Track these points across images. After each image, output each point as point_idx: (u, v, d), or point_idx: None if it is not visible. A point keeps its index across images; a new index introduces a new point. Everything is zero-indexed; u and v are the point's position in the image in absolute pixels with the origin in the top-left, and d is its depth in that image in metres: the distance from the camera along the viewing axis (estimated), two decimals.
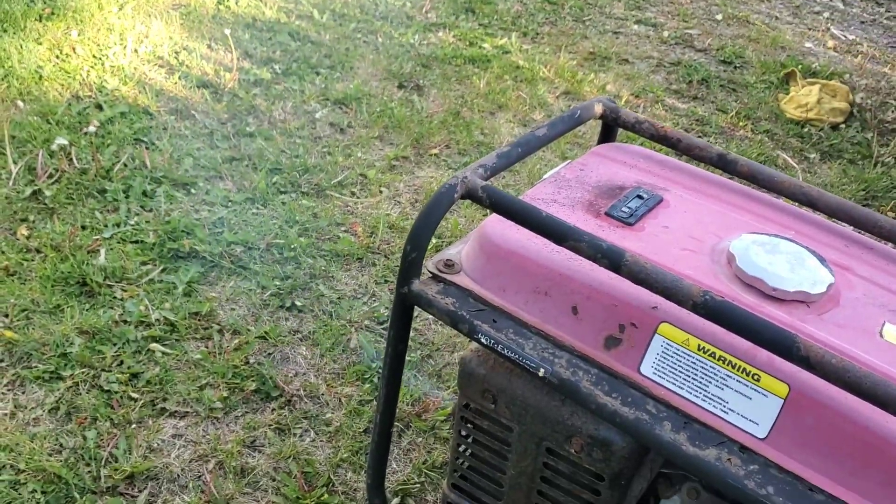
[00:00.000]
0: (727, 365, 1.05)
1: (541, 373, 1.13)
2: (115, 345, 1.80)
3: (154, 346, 1.81)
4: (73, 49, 2.98)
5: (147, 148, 2.49)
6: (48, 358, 1.74)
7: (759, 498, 0.99)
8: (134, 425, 1.64)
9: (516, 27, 3.72)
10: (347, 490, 1.56)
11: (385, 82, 3.10)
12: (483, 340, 1.17)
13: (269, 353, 1.85)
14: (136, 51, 3.04)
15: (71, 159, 2.37)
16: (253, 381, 1.76)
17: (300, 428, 1.69)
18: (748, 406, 1.04)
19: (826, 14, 4.35)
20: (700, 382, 1.07)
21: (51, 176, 2.30)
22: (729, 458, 1.03)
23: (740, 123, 3.15)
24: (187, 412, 1.69)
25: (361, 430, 1.70)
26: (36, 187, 2.24)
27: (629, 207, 1.29)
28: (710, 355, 1.06)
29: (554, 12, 3.93)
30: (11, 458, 1.53)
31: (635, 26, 3.90)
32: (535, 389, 1.20)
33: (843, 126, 3.18)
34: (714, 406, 1.06)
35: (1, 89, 2.66)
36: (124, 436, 1.60)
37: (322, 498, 1.54)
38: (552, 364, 1.12)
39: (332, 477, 1.58)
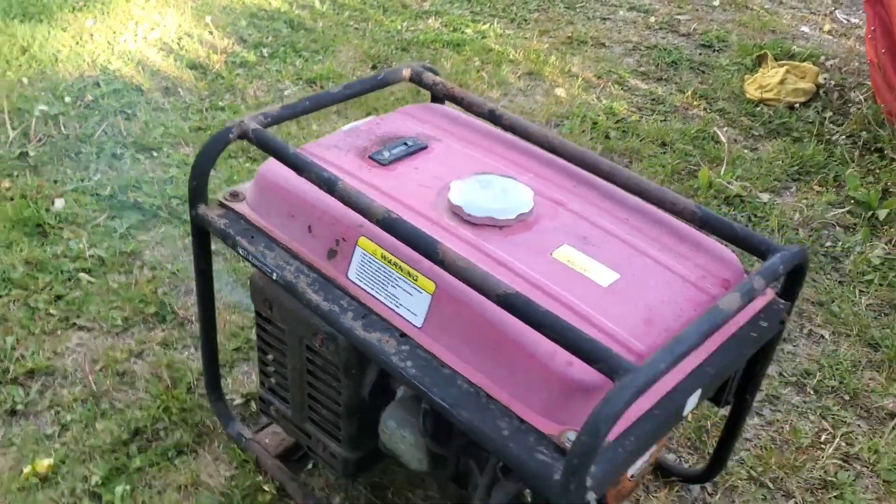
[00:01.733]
0: (398, 268, 1.30)
1: (273, 276, 1.40)
2: (50, 273, 2.17)
3: (82, 275, 2.18)
4: (91, 36, 3.42)
5: (127, 119, 2.88)
6: None
7: (399, 370, 1.23)
8: (47, 335, 2.00)
9: (505, 14, 3.94)
10: (204, 394, 1.86)
11: (360, 64, 3.40)
12: (240, 252, 1.45)
13: (176, 287, 2.18)
14: (145, 38, 3.45)
15: (60, 127, 2.79)
16: (154, 306, 2.10)
17: (182, 344, 2.01)
18: (411, 301, 1.29)
19: None
20: (382, 283, 1.32)
21: (40, 140, 2.72)
22: (387, 341, 1.27)
23: (695, 102, 3.28)
24: (93, 328, 2.04)
25: (233, 348, 2.00)
26: (25, 149, 2.66)
27: (390, 152, 1.54)
28: (388, 261, 1.31)
29: (548, 0, 4.12)
30: None
31: (626, 13, 4.05)
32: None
33: (798, 106, 3.25)
34: (390, 301, 1.31)
35: (19, 69, 3.11)
36: (36, 342, 1.97)
37: (180, 396, 1.85)
38: (282, 270, 1.39)
39: (194, 382, 1.90)
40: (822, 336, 2.24)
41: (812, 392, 2.07)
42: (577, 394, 1.14)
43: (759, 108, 3.24)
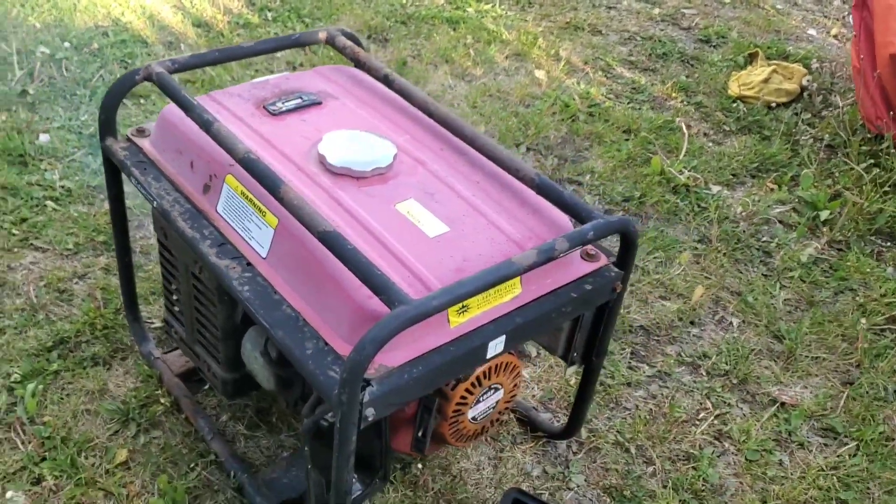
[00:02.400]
0: (252, 204, 1.46)
1: (154, 204, 1.58)
2: (21, 199, 2.40)
3: (49, 203, 2.40)
4: None
5: (124, 67, 3.10)
6: None
7: (237, 293, 1.40)
8: (5, 251, 2.22)
9: None
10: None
11: (358, 34, 3.54)
12: (132, 181, 1.63)
13: (131, 220, 2.38)
14: None
15: (62, 70, 3.02)
16: (105, 236, 2.30)
17: None
18: (260, 234, 1.45)
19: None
20: (240, 217, 1.48)
21: (42, 81, 2.95)
22: (234, 268, 1.44)
23: (673, 94, 3.34)
24: (48, 249, 2.25)
25: None
26: (27, 87, 2.90)
27: (283, 104, 1.70)
28: (245, 197, 1.47)
29: None
30: None
31: (632, 2, 4.11)
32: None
33: (777, 106, 3.29)
34: (245, 234, 1.47)
35: (40, 15, 3.36)
36: None
37: (107, 316, 2.06)
38: (161, 199, 1.57)
39: (122, 306, 2.10)
40: (731, 323, 2.33)
41: (704, 373, 2.17)
42: (369, 322, 1.28)
43: (735, 105, 3.29)
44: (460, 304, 1.34)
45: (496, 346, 1.40)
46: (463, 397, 1.55)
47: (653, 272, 2.45)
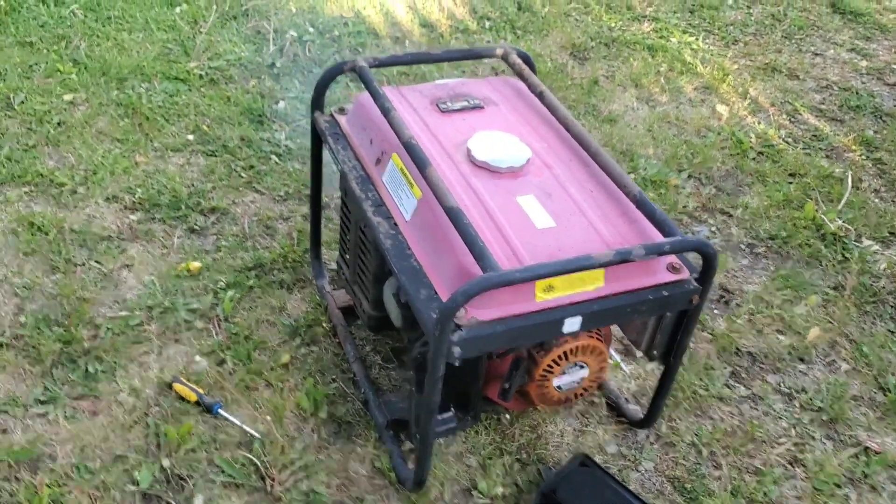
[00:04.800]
0: (406, 178, 1.87)
1: (339, 168, 2.03)
2: (254, 150, 2.98)
3: (273, 157, 2.96)
4: None
5: (356, 54, 3.64)
6: None
7: (381, 244, 1.81)
8: (234, 189, 2.80)
9: (720, 31, 4.21)
10: None
11: (560, 49, 3.90)
12: (326, 147, 2.10)
13: (330, 179, 2.89)
14: None
15: (305, 50, 3.62)
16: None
17: None
18: (408, 202, 1.86)
19: None
20: (397, 187, 1.90)
21: (288, 57, 3.56)
22: (382, 224, 1.85)
23: (853, 147, 3.40)
24: (265, 192, 2.81)
25: None
26: (275, 61, 3.52)
27: (451, 104, 2.10)
28: (403, 173, 1.88)
29: (770, 27, 4.31)
30: None
31: (842, 52, 4.13)
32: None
33: None
34: (397, 200, 1.89)
35: (299, 1, 4.00)
36: (224, 191, 2.78)
37: (297, 252, 2.56)
38: (345, 164, 2.02)
39: (308, 246, 2.59)
40: (839, 367, 2.45)
41: (797, 405, 2.33)
42: (467, 280, 1.65)
43: None
44: (547, 284, 1.67)
45: (572, 325, 1.71)
46: (549, 366, 1.88)
47: (776, 306, 2.61)
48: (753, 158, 3.26)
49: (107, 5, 3.81)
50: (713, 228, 2.92)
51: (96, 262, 2.47)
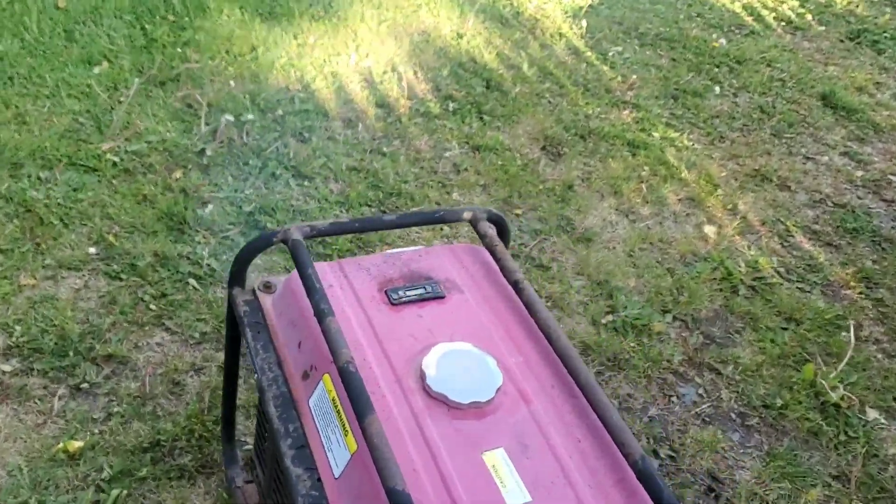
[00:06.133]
0: (339, 417, 1.43)
1: (255, 376, 1.58)
2: (168, 271, 2.51)
3: (191, 280, 2.49)
4: (312, 49, 3.78)
5: (300, 142, 3.19)
6: None
7: None
8: (139, 327, 2.32)
9: (705, 126, 3.85)
10: None
11: (532, 142, 3.49)
12: (244, 340, 1.64)
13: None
14: (357, 63, 3.76)
15: (242, 135, 3.15)
16: None
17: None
18: (338, 451, 1.41)
19: None
20: (326, 422, 1.45)
21: (221, 143, 3.09)
22: (304, 481, 1.40)
23: (852, 283, 3.05)
24: (176, 332, 2.34)
25: None
26: (206, 147, 3.04)
27: (405, 293, 1.66)
28: (335, 407, 1.44)
29: (758, 121, 3.96)
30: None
31: (835, 157, 3.80)
32: None
33: None
34: (326, 442, 1.44)
35: (239, 67, 3.53)
36: (126, 330, 2.30)
37: (207, 423, 2.09)
38: (263, 373, 1.57)
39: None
40: None
41: None
42: None
43: None
44: None
45: None
46: None
47: (772, 503, 2.23)
48: (744, 295, 2.88)
49: (11, 61, 3.29)
50: (700, 391, 2.53)
51: None
